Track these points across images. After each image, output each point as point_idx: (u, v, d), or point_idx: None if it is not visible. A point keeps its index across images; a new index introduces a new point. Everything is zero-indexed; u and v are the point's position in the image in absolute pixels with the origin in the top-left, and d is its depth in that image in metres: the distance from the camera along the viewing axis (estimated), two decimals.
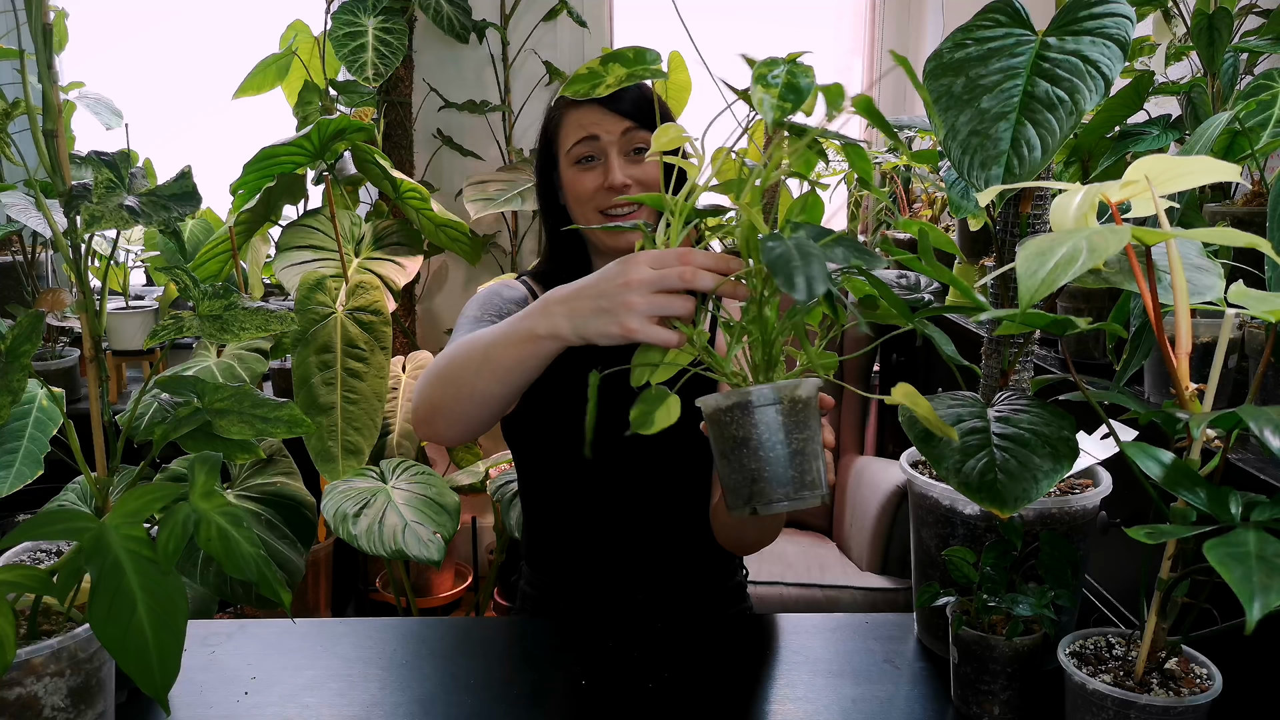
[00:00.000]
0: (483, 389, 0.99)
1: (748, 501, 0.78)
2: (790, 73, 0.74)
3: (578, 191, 1.25)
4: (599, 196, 1.23)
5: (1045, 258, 0.62)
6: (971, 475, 0.79)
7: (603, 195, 1.23)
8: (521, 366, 0.95)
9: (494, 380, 0.97)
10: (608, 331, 0.84)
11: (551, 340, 0.91)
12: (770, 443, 0.78)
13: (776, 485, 0.78)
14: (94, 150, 0.96)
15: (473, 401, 1.00)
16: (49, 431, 1.43)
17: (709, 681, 1.01)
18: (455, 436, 1.07)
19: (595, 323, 0.85)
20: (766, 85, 0.73)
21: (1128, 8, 0.86)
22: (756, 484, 0.78)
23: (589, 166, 1.24)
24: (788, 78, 0.74)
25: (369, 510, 1.87)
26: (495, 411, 1.03)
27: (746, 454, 0.77)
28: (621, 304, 0.83)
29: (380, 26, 2.35)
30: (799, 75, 0.74)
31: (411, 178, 2.50)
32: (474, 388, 0.99)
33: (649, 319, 0.82)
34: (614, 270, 0.85)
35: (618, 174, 1.21)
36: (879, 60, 2.88)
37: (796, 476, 0.77)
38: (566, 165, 1.26)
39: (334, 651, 1.07)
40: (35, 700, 0.77)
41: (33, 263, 2.30)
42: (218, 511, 0.83)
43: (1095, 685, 0.77)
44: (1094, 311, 1.38)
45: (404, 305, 2.62)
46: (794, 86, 0.73)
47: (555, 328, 0.90)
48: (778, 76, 0.74)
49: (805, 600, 2.09)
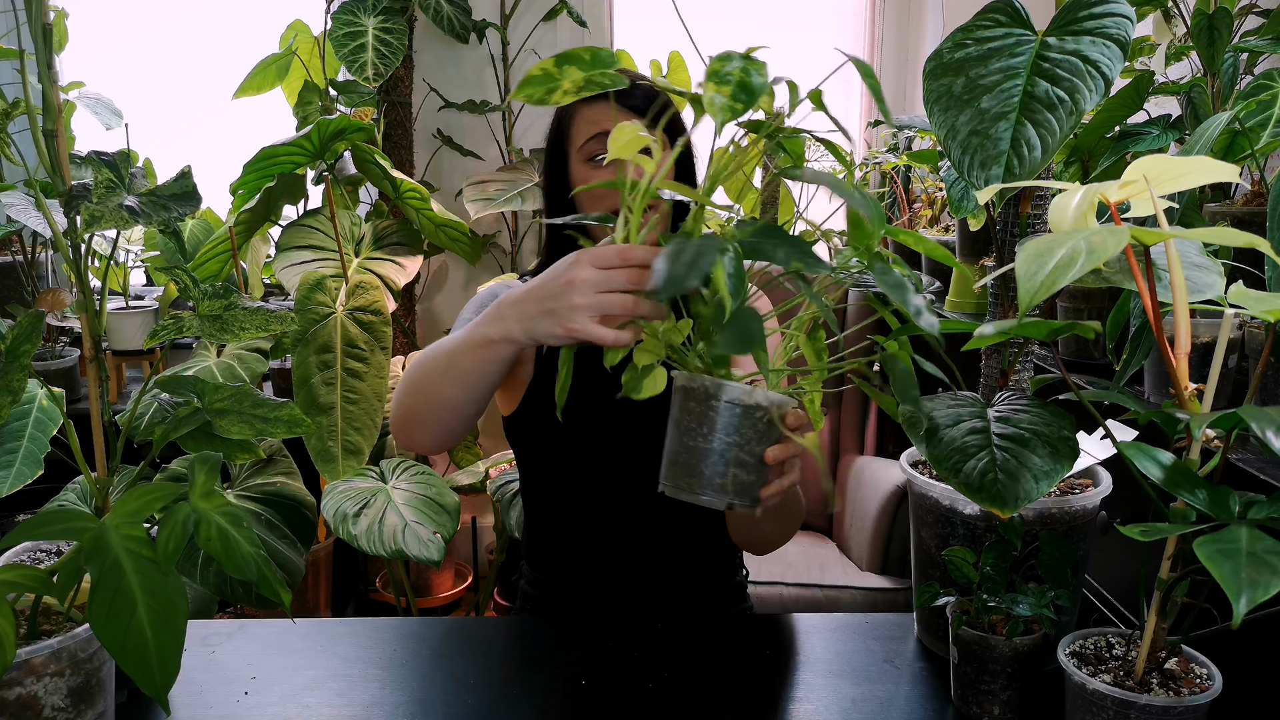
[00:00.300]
0: (449, 396, 1.00)
1: (665, 479, 0.81)
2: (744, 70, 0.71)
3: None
4: (610, 195, 1.23)
5: (1045, 259, 0.62)
6: (972, 475, 0.79)
7: (613, 193, 1.23)
8: (482, 371, 0.96)
9: (458, 387, 0.99)
10: (553, 332, 0.85)
11: (505, 344, 0.93)
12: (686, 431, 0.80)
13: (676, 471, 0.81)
14: (94, 150, 0.96)
15: (442, 409, 1.01)
16: (49, 431, 1.43)
17: (709, 681, 1.01)
18: (432, 444, 1.08)
19: (543, 324, 0.86)
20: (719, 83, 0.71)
21: (1128, 8, 0.86)
22: (673, 466, 0.81)
23: (601, 164, 1.24)
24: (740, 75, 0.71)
25: (369, 510, 1.87)
26: (467, 417, 1.04)
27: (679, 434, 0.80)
28: (565, 305, 0.83)
29: (380, 26, 2.35)
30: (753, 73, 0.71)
31: (411, 178, 2.50)
32: (441, 395, 1.00)
33: (592, 319, 0.82)
34: (559, 270, 0.86)
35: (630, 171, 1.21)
36: (879, 60, 2.88)
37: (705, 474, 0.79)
38: (578, 163, 1.25)
39: (334, 651, 1.07)
40: (35, 700, 0.77)
41: (33, 263, 2.30)
42: (218, 511, 0.83)
43: (1095, 685, 0.77)
44: (1094, 311, 1.38)
45: (404, 305, 2.62)
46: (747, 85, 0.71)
47: (507, 331, 0.91)
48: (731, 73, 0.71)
49: (805, 600, 2.09)
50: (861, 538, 2.21)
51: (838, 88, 2.93)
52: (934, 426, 0.85)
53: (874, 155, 2.66)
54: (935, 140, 1.07)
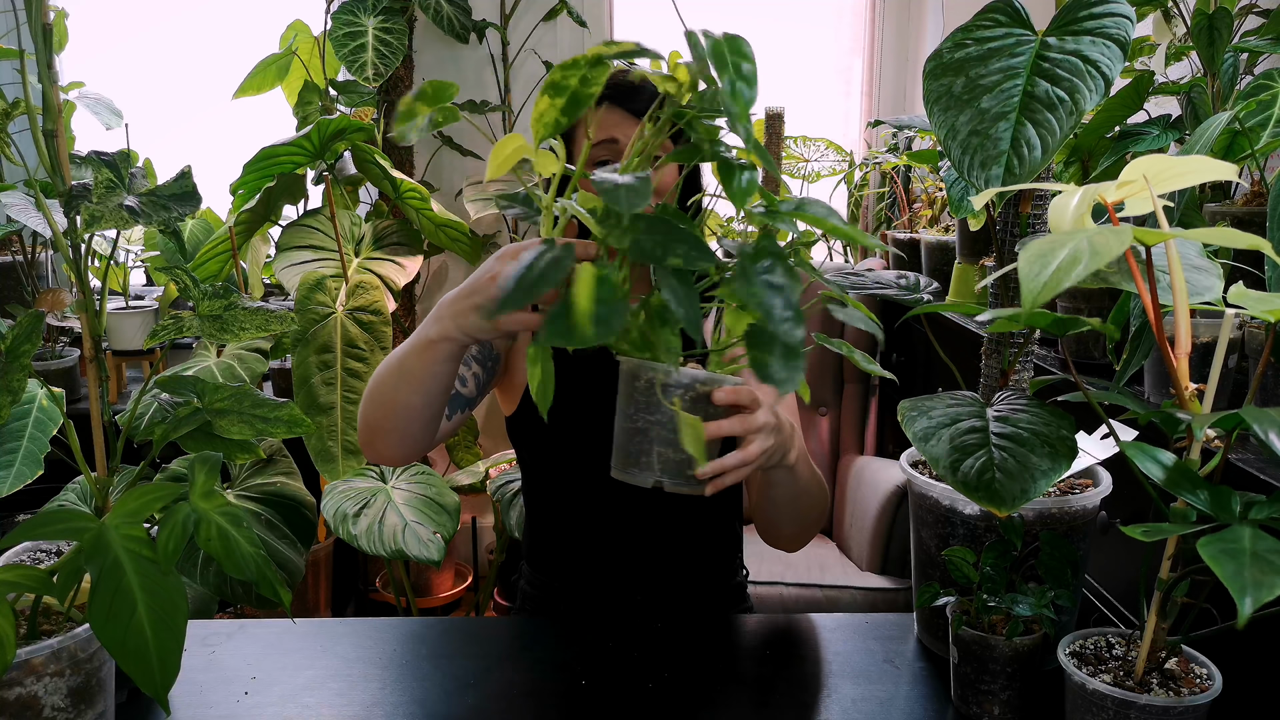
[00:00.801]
0: (404, 401, 1.01)
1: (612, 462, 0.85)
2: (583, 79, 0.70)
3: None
4: None
5: (1047, 260, 0.62)
6: (970, 474, 0.79)
7: None
8: (430, 373, 0.98)
9: (411, 391, 1.00)
10: (483, 326, 0.88)
11: (445, 342, 0.94)
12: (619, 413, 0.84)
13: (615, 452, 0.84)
14: (94, 150, 0.96)
15: (399, 416, 1.03)
16: (49, 431, 1.43)
17: (709, 681, 1.01)
18: (396, 455, 1.08)
19: (472, 319, 0.89)
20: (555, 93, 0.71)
21: (1128, 8, 0.86)
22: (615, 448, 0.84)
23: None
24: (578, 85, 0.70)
25: (369, 510, 1.87)
26: (425, 420, 1.04)
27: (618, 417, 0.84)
28: (489, 298, 0.86)
29: (380, 26, 2.35)
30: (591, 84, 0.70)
31: (411, 178, 2.50)
32: (396, 401, 1.02)
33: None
34: (485, 266, 0.90)
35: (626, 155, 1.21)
36: (879, 60, 2.87)
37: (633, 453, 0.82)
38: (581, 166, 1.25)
39: (334, 651, 1.07)
40: (35, 700, 0.77)
41: (33, 263, 2.30)
42: (218, 511, 0.83)
43: (1095, 685, 0.77)
44: (1094, 310, 1.38)
45: (404, 305, 2.62)
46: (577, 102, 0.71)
47: (445, 330, 0.93)
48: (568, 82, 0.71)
49: (805, 600, 2.09)
50: (861, 538, 2.21)
51: (838, 88, 2.93)
52: (932, 425, 0.85)
53: (874, 155, 2.66)
54: (935, 140, 1.07)
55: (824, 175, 2.80)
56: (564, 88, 0.71)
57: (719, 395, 0.83)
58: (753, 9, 2.87)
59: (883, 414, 2.48)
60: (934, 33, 2.72)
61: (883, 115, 2.85)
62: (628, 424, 0.83)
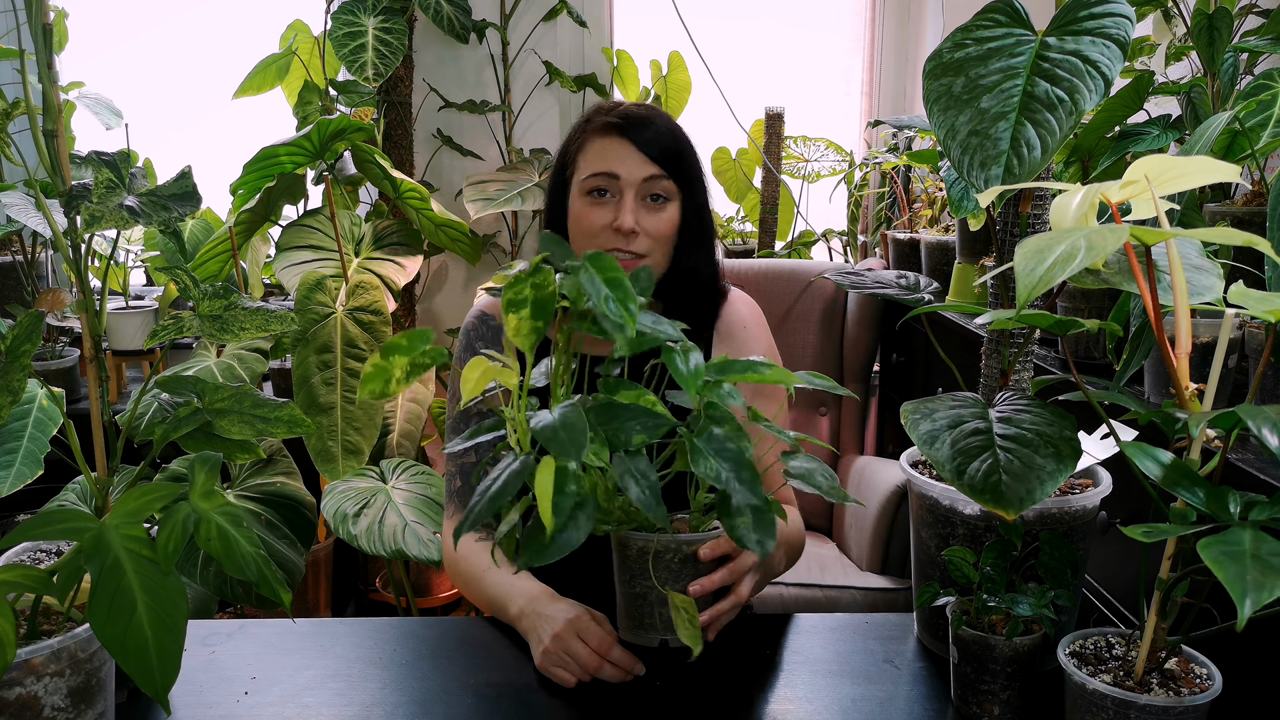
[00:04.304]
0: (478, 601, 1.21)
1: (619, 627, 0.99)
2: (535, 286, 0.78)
3: (585, 224, 1.23)
4: (604, 235, 1.22)
5: (1043, 255, 0.62)
6: (976, 477, 0.79)
7: (608, 235, 1.22)
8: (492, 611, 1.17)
9: (483, 606, 1.19)
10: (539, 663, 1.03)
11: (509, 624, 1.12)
12: (618, 580, 0.96)
13: (620, 617, 0.98)
14: (94, 150, 0.96)
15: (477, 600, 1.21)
16: (49, 431, 1.43)
17: (709, 681, 1.01)
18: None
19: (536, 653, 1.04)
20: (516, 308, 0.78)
21: (1128, 8, 0.86)
22: (619, 614, 0.98)
23: (600, 201, 1.23)
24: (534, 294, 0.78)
25: (369, 510, 1.87)
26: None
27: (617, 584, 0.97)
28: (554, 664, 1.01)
29: (380, 26, 2.35)
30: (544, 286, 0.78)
31: (411, 178, 2.50)
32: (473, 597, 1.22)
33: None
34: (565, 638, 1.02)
35: (629, 217, 1.20)
36: (879, 60, 2.87)
37: (636, 616, 0.94)
38: (578, 194, 1.25)
39: (334, 651, 1.07)
40: (35, 700, 0.77)
41: (33, 263, 2.30)
42: (218, 511, 0.83)
43: (1095, 685, 0.77)
44: (1094, 311, 1.38)
45: (404, 305, 2.62)
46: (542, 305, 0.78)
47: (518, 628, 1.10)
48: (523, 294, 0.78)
49: (805, 600, 2.08)
50: (861, 538, 2.21)
51: (838, 88, 2.93)
52: (936, 428, 0.85)
53: (874, 155, 2.66)
54: (935, 140, 1.07)
55: (824, 175, 2.80)
56: (521, 301, 0.78)
57: (704, 553, 0.94)
58: (753, 9, 2.87)
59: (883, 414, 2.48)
60: (934, 33, 2.72)
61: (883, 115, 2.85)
62: (628, 590, 0.94)
